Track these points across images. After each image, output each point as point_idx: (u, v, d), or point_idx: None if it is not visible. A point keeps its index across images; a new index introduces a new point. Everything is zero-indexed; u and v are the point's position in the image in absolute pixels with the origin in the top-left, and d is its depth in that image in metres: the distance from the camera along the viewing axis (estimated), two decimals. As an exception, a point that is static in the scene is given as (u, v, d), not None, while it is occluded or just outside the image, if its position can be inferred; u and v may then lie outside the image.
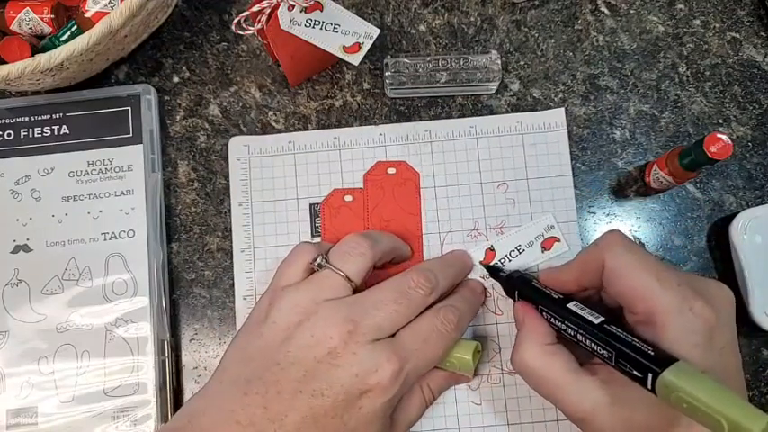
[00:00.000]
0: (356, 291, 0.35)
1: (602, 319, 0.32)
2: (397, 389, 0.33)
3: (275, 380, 0.32)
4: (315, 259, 0.36)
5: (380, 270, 0.40)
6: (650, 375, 0.28)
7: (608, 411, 0.31)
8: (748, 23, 0.45)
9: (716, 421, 0.25)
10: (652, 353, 0.29)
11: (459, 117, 0.44)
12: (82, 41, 0.37)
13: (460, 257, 0.41)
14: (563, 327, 0.34)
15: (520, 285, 0.38)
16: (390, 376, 0.32)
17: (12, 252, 0.42)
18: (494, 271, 0.41)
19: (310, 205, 0.43)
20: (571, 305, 0.34)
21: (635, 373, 0.29)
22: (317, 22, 0.37)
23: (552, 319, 0.35)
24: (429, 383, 0.38)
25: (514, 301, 0.38)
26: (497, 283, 0.41)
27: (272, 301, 0.35)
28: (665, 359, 0.28)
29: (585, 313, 0.33)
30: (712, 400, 0.26)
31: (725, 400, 0.26)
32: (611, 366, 0.31)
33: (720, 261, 0.42)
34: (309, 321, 0.33)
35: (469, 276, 0.41)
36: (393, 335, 0.34)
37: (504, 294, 0.41)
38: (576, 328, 0.33)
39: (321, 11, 0.37)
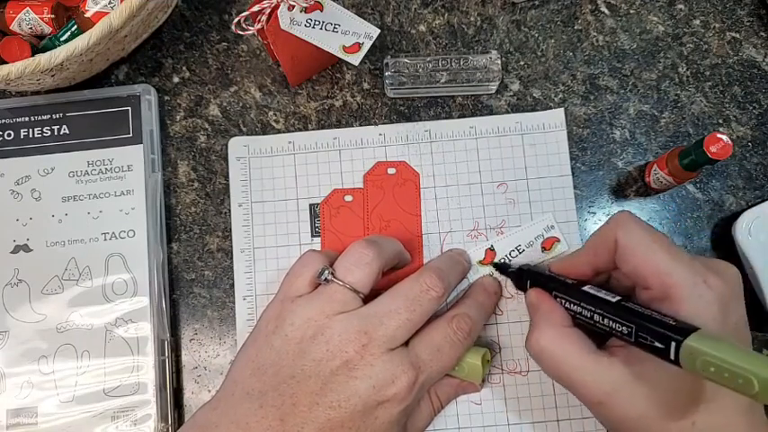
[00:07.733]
0: (365, 298, 0.35)
1: (618, 297, 0.32)
2: (412, 398, 0.33)
3: (291, 393, 0.32)
4: (321, 273, 0.35)
5: (384, 275, 0.40)
6: (673, 344, 0.28)
7: (627, 391, 0.30)
8: (748, 23, 0.45)
9: (746, 380, 0.25)
10: (673, 323, 0.29)
11: (459, 117, 0.44)
12: (82, 41, 0.37)
13: (463, 254, 0.41)
14: (579, 310, 0.34)
15: (532, 275, 0.38)
16: (407, 387, 0.33)
17: (12, 252, 0.42)
18: (502, 268, 0.41)
19: (310, 205, 0.43)
20: (586, 288, 0.34)
21: (657, 344, 0.29)
22: (317, 22, 0.37)
23: (568, 304, 0.35)
24: (437, 392, 0.38)
25: (525, 292, 0.38)
26: (508, 279, 0.41)
27: (281, 313, 0.35)
28: (686, 328, 0.28)
29: (602, 294, 0.33)
30: (740, 360, 0.25)
31: (752, 359, 0.25)
32: (630, 343, 0.30)
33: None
34: (323, 336, 0.33)
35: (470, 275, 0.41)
36: (406, 342, 0.34)
37: (505, 294, 0.41)
38: (593, 309, 0.32)
39: (321, 11, 0.37)
